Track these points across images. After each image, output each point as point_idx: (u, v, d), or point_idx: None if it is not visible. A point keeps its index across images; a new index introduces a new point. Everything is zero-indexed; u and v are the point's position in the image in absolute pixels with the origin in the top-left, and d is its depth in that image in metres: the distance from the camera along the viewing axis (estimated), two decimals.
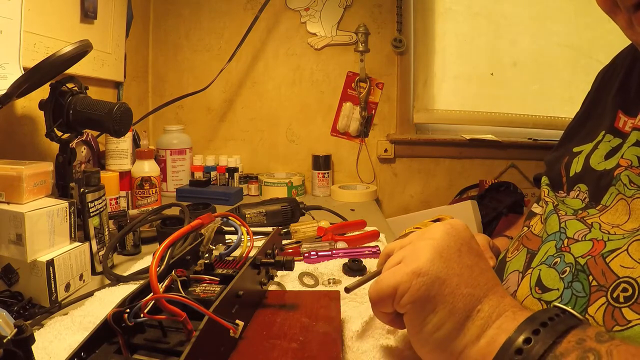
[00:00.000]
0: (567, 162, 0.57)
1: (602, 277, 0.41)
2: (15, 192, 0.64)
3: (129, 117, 0.79)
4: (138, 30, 1.49)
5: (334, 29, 1.55)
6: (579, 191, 0.53)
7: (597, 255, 0.42)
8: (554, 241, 0.49)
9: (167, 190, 1.42)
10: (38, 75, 0.71)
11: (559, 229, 0.49)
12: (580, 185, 0.53)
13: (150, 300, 0.39)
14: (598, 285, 0.41)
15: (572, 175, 0.55)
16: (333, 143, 1.60)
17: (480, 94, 1.58)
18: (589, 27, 1.49)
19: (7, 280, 0.63)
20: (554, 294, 0.44)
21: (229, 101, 1.62)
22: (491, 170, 1.58)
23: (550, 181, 0.60)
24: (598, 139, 0.54)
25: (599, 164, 0.51)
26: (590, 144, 0.55)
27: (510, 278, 0.53)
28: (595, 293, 0.40)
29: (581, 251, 0.44)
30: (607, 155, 0.51)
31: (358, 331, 0.52)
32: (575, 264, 0.44)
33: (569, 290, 0.43)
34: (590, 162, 0.52)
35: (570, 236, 0.47)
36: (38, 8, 0.93)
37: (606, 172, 0.49)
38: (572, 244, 0.46)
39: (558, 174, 0.58)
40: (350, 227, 0.96)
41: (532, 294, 0.47)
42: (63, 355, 0.46)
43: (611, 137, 0.52)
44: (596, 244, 0.44)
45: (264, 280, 0.56)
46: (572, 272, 0.43)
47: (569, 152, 0.58)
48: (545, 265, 0.47)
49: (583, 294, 0.41)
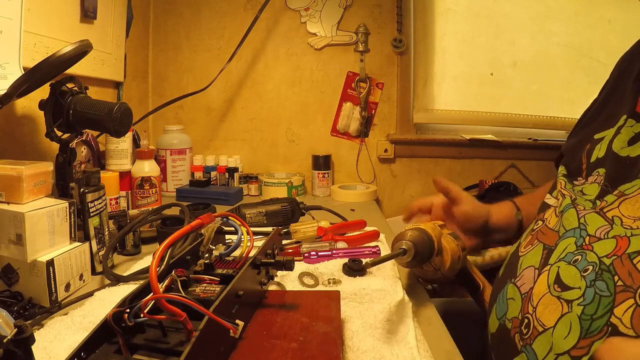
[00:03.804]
0: (589, 150, 0.56)
1: (629, 277, 0.40)
2: (15, 192, 0.64)
3: (129, 117, 0.79)
4: (138, 30, 1.49)
5: (334, 29, 1.55)
6: (597, 175, 0.52)
7: (624, 254, 0.41)
8: (574, 237, 0.48)
9: (167, 190, 1.42)
10: (38, 75, 0.71)
11: (578, 225, 0.48)
12: (599, 169, 0.52)
13: (150, 300, 0.39)
14: (624, 285, 0.40)
15: (594, 161, 0.54)
16: (333, 143, 1.60)
17: (480, 94, 1.57)
18: (589, 27, 1.49)
19: (7, 280, 0.63)
20: (575, 293, 0.43)
21: (229, 101, 1.62)
22: (491, 170, 1.58)
23: (568, 170, 0.59)
24: (620, 124, 0.53)
25: (622, 149, 0.50)
26: (612, 129, 0.54)
27: (525, 274, 0.52)
28: (622, 293, 0.39)
29: (605, 250, 0.43)
30: (630, 141, 0.50)
31: (358, 331, 0.52)
32: (600, 263, 0.43)
33: (591, 289, 0.42)
34: (613, 146, 0.51)
35: (591, 233, 0.46)
36: (38, 8, 0.93)
37: (630, 161, 0.48)
38: (594, 242, 0.45)
39: (579, 162, 0.57)
40: (350, 227, 0.96)
41: (551, 291, 0.46)
42: (63, 355, 0.46)
43: (633, 122, 0.51)
44: (620, 242, 0.43)
45: (264, 280, 0.56)
46: (596, 271, 0.42)
47: (590, 140, 0.57)
48: (565, 263, 0.46)
49: (607, 293, 0.41)
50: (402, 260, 0.62)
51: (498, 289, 0.57)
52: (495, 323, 0.54)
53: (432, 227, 0.66)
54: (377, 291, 0.62)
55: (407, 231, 0.63)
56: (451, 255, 0.65)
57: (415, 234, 0.63)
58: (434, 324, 0.60)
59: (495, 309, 0.55)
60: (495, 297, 0.56)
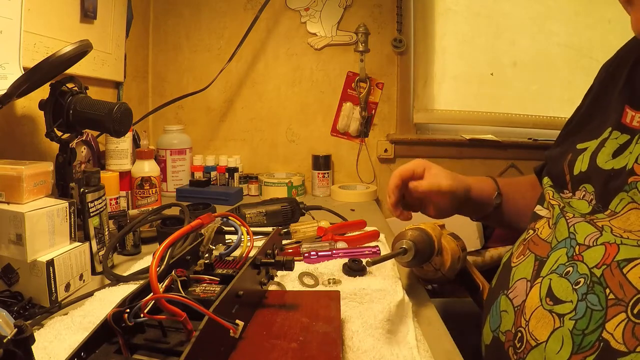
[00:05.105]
0: (570, 160, 0.55)
1: (620, 290, 0.39)
2: (15, 192, 0.64)
3: (129, 117, 0.79)
4: (138, 30, 1.49)
5: (334, 29, 1.55)
6: (584, 192, 0.51)
7: (612, 263, 0.40)
8: (565, 248, 0.47)
9: (167, 190, 1.42)
10: (38, 75, 0.71)
11: (568, 235, 0.47)
12: (586, 185, 0.51)
13: (150, 300, 0.39)
14: (616, 298, 0.39)
15: (577, 174, 0.53)
16: (333, 143, 1.60)
17: (480, 94, 1.57)
18: (589, 27, 1.49)
19: (7, 280, 0.63)
20: (567, 307, 0.42)
21: (229, 101, 1.62)
22: (491, 170, 1.57)
23: (553, 180, 0.58)
24: (604, 136, 0.52)
25: (607, 162, 0.49)
26: (596, 140, 0.53)
27: (517, 286, 0.51)
28: (613, 307, 0.39)
29: (595, 259, 0.42)
30: (614, 154, 0.49)
31: (358, 331, 0.52)
32: (591, 275, 0.42)
33: (583, 302, 0.41)
34: (597, 161, 0.50)
35: (581, 242, 0.45)
36: (38, 8, 0.93)
37: (615, 173, 0.47)
38: (584, 252, 0.44)
39: (561, 172, 0.56)
40: (350, 227, 0.96)
41: (543, 305, 0.45)
42: (63, 355, 0.46)
43: (618, 133, 0.50)
44: (609, 248, 0.42)
45: (264, 280, 0.56)
46: (587, 283, 0.42)
47: (572, 149, 0.56)
48: (557, 275, 0.45)
49: (599, 307, 0.40)
50: (402, 260, 0.62)
51: (491, 300, 0.56)
52: (489, 335, 0.54)
53: (432, 227, 0.66)
54: (377, 291, 0.62)
55: (407, 231, 0.64)
56: (451, 255, 0.65)
57: (416, 233, 0.63)
58: (434, 324, 0.60)
59: (489, 321, 0.55)
60: (489, 308, 0.56)
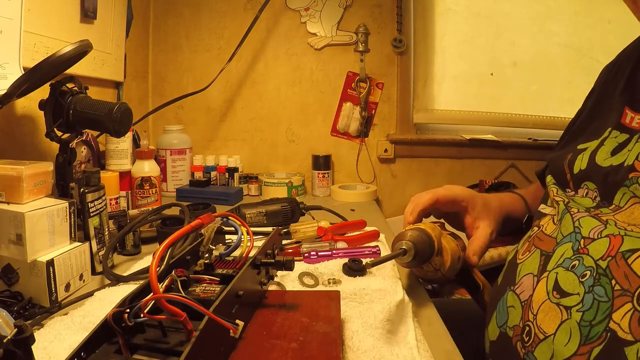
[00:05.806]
0: (570, 160, 0.56)
1: (626, 280, 0.39)
2: (15, 192, 0.64)
3: (129, 117, 0.79)
4: (138, 30, 1.49)
5: (334, 29, 1.55)
6: (587, 189, 0.52)
7: (617, 254, 0.41)
8: (570, 242, 0.47)
9: (167, 190, 1.42)
10: (38, 75, 0.71)
11: (573, 229, 0.48)
12: (587, 183, 0.52)
13: (150, 300, 0.39)
14: (622, 289, 0.39)
15: (577, 173, 0.54)
16: (333, 143, 1.60)
17: (480, 94, 1.57)
18: (589, 27, 1.49)
19: (7, 280, 0.63)
20: (574, 299, 0.43)
21: (229, 101, 1.62)
22: (491, 170, 1.58)
23: (555, 179, 0.59)
24: (604, 136, 0.53)
25: (605, 160, 0.50)
26: (596, 141, 0.54)
27: (524, 281, 0.51)
28: (619, 298, 0.39)
29: (600, 252, 0.43)
30: (613, 152, 0.50)
31: (358, 331, 0.52)
32: (597, 267, 0.42)
33: (590, 294, 0.42)
34: (596, 159, 0.51)
35: (585, 235, 0.46)
36: (38, 8, 0.93)
37: (613, 169, 0.48)
38: (589, 244, 0.45)
39: (562, 171, 0.57)
40: (350, 227, 0.96)
41: (550, 298, 0.45)
42: (63, 355, 0.46)
43: (617, 133, 0.51)
44: (613, 240, 0.42)
45: (264, 280, 0.56)
46: (593, 275, 0.42)
47: (573, 150, 0.57)
48: (563, 269, 0.46)
49: (606, 298, 0.40)
50: (402, 261, 0.62)
51: (498, 297, 0.56)
52: (496, 331, 0.54)
53: (432, 227, 0.66)
54: (377, 291, 0.62)
55: (407, 231, 0.63)
56: (451, 255, 0.65)
57: (415, 234, 0.63)
58: (434, 324, 0.60)
59: (496, 317, 0.55)
60: (495, 304, 0.56)
